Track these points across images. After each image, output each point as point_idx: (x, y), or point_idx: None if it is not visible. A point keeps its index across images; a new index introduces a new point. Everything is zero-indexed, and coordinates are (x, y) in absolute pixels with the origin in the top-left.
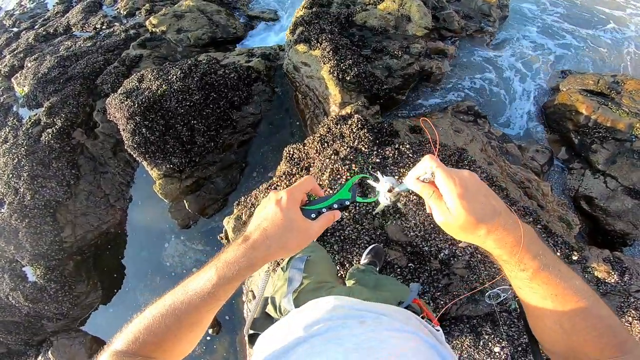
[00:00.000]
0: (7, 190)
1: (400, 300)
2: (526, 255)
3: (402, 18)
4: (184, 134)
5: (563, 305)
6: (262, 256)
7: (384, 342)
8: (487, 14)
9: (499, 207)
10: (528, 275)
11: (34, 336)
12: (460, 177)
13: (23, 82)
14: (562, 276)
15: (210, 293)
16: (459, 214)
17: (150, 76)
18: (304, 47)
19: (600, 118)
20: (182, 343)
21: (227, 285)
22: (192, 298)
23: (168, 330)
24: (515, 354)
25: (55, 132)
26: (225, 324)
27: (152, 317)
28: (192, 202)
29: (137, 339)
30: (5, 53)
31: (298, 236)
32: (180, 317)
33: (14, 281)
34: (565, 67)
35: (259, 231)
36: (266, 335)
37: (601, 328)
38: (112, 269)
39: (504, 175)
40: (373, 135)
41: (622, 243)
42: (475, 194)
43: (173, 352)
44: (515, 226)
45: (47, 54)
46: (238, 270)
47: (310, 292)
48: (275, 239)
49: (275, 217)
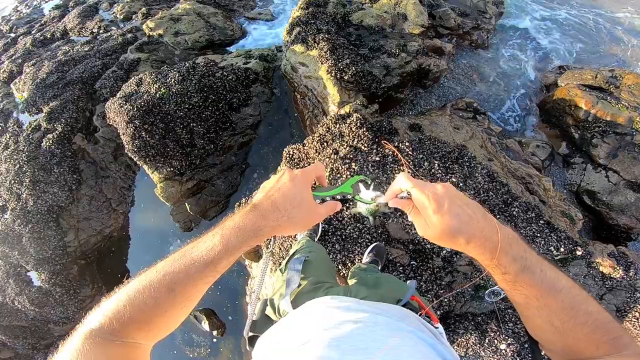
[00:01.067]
0: (10, 196)
1: (398, 298)
2: (505, 259)
3: (398, 16)
4: (183, 136)
5: (549, 305)
6: (270, 226)
7: (380, 342)
8: (483, 10)
9: (476, 215)
10: (510, 278)
11: (41, 340)
12: (433, 193)
13: (22, 88)
14: (545, 277)
15: (211, 262)
16: (435, 228)
17: (148, 79)
18: (302, 47)
19: (600, 112)
20: (170, 321)
21: (230, 256)
22: (189, 268)
23: (157, 305)
24: (522, 351)
25: (55, 137)
26: (230, 325)
27: (140, 290)
28: (193, 205)
29: (119, 315)
30: (4, 59)
31: (306, 215)
32: (175, 289)
33: (20, 286)
34: (562, 62)
35: (269, 201)
36: (265, 337)
37: (592, 324)
38: (116, 272)
39: (504, 171)
40: (372, 133)
41: (627, 237)
42: (450, 207)
43: (157, 333)
44: (493, 232)
45: (45, 59)
46: (245, 239)
47: (307, 293)
48: (285, 212)
49: (288, 192)
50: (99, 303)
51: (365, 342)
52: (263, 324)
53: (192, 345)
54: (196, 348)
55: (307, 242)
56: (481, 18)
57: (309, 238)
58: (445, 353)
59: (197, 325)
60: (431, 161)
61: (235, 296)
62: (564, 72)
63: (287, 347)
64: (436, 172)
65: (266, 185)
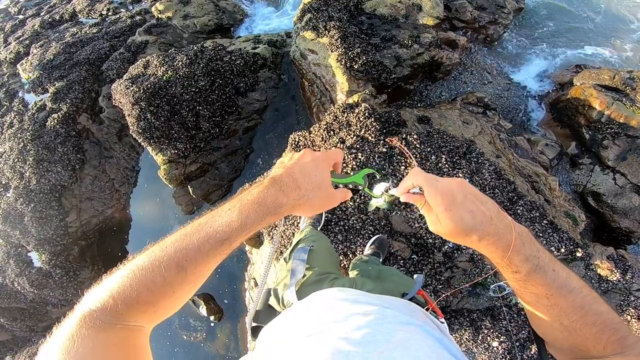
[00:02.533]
0: (13, 174)
1: (404, 292)
2: (517, 257)
3: (413, 7)
4: (189, 119)
5: (559, 304)
6: (290, 204)
7: (388, 336)
8: (501, 5)
9: (490, 213)
10: (521, 276)
11: (39, 322)
12: (447, 189)
13: (29, 69)
14: (557, 276)
15: (227, 239)
16: (447, 225)
17: (155, 62)
18: (312, 34)
19: (614, 114)
20: (176, 302)
21: (247, 233)
22: (202, 244)
23: (166, 284)
24: (512, 349)
25: (60, 117)
26: (227, 311)
27: (147, 267)
28: (196, 188)
29: (125, 295)
30: (11, 40)
31: (324, 197)
32: (186, 267)
33: (20, 267)
34: (580, 61)
35: (290, 178)
36: (269, 328)
37: (601, 324)
38: (116, 254)
39: (512, 169)
40: (380, 124)
41: (627, 241)
42: (463, 204)
43: (162, 315)
44: (507, 230)
45: (52, 40)
46: (264, 215)
47: (312, 284)
48: (306, 192)
49: (311, 171)
50: (100, 280)
51: (374, 336)
52: (267, 315)
53: (189, 329)
54: (193, 332)
55: (311, 231)
56: (499, 12)
57: (312, 227)
58: (452, 348)
59: (195, 309)
60: (438, 155)
61: (233, 281)
62: (580, 71)
63: (295, 338)
64: (443, 166)
65: (285, 161)
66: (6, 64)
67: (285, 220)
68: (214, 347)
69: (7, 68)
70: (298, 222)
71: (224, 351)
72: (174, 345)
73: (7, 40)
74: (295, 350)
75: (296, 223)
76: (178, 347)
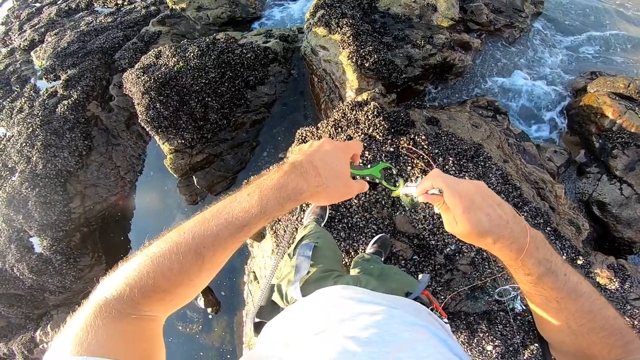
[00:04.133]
0: (20, 158)
1: (407, 291)
2: (530, 260)
3: (427, 7)
4: (197, 110)
5: (569, 308)
6: (309, 191)
7: (395, 336)
8: (519, 9)
9: (506, 216)
10: (533, 279)
11: (35, 309)
12: (466, 192)
13: (42, 56)
14: (568, 281)
15: (247, 225)
16: (464, 227)
17: (167, 52)
18: (324, 30)
19: (626, 123)
20: (192, 291)
21: (267, 219)
22: (221, 230)
23: (183, 272)
24: (506, 353)
25: (70, 103)
26: (225, 304)
27: (165, 254)
28: (201, 179)
29: (142, 283)
30: (26, 27)
31: (343, 187)
32: (204, 255)
33: (20, 252)
34: (595, 67)
35: (310, 165)
36: (273, 324)
37: (609, 328)
38: (117, 242)
39: (518, 174)
40: (389, 123)
41: (628, 251)
42: (481, 207)
43: (176, 304)
44: (522, 234)
45: (67, 28)
46: (284, 201)
47: (316, 280)
48: (326, 180)
49: (331, 160)
50: (116, 268)
51: (382, 336)
52: (270, 311)
53: (185, 320)
54: (189, 324)
55: (315, 227)
56: (516, 16)
57: (316, 223)
58: (456, 349)
59: (193, 301)
60: (446, 157)
61: (233, 274)
62: (595, 78)
63: (300, 335)
64: (450, 168)
65: (305, 148)
66: (20, 51)
67: (289, 215)
68: (209, 339)
69: (20, 55)
70: (301, 218)
71: (219, 344)
72: (168, 334)
73: (23, 27)
74: (301, 349)
75: (300, 218)
76: (173, 337)
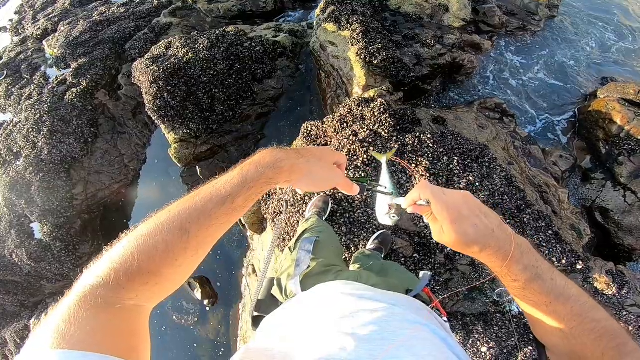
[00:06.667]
0: (26, 143)
1: (407, 288)
2: (516, 267)
3: (439, 7)
4: (204, 101)
5: (558, 311)
6: (289, 161)
7: (395, 334)
8: (533, 12)
9: (492, 225)
10: (520, 285)
11: (31, 297)
12: (453, 202)
13: (54, 45)
14: (555, 285)
15: (229, 196)
16: (451, 236)
17: (178, 44)
18: (334, 26)
19: (634, 130)
20: (178, 273)
21: (247, 190)
22: (205, 204)
23: (169, 250)
24: (500, 355)
25: (79, 91)
26: (222, 296)
27: (150, 233)
28: (204, 169)
29: (127, 265)
30: (40, 17)
31: (325, 170)
32: (189, 229)
33: (20, 238)
34: (609, 73)
35: (290, 149)
36: (272, 319)
37: (599, 331)
38: (118, 230)
39: (523, 177)
40: (395, 120)
41: (628, 258)
42: (468, 217)
43: (163, 288)
44: (507, 242)
45: (80, 18)
46: (263, 171)
47: (317, 275)
48: (306, 156)
49: (311, 148)
50: (100, 255)
51: (382, 333)
52: (269, 305)
53: (181, 312)
54: (185, 315)
55: (317, 221)
56: (529, 19)
57: (317, 217)
58: (456, 348)
59: (190, 292)
60: (451, 156)
61: (231, 267)
62: (607, 83)
63: (299, 330)
64: (454, 168)
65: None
66: (32, 39)
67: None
68: (204, 331)
69: (32, 44)
70: (303, 211)
71: (214, 336)
72: (163, 324)
73: (36, 17)
74: (300, 344)
75: (301, 211)
76: (167, 328)
